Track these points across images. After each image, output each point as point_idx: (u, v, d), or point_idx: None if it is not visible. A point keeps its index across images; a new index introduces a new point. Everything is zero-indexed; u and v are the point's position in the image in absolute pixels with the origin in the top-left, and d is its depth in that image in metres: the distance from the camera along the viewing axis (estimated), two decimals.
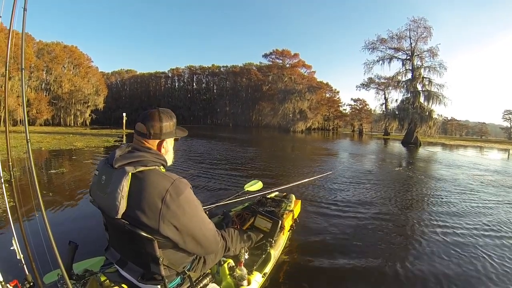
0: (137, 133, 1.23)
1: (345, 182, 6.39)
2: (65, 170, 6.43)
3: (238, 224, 2.21)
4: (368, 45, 30.38)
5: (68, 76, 40.03)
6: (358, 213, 4.11)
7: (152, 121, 1.21)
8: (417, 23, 26.83)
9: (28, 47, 33.26)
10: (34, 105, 34.41)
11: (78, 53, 42.20)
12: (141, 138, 1.22)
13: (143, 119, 1.21)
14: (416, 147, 22.36)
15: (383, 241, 3.16)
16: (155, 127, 1.21)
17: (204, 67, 70.37)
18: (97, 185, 1.17)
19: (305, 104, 47.71)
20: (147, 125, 1.20)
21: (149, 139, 1.22)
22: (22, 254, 1.28)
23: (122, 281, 1.31)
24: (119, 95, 69.97)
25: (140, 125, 1.21)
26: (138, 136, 1.23)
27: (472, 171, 9.59)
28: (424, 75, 26.97)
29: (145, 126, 1.20)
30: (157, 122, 1.21)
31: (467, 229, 3.62)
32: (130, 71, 75.73)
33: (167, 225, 1.09)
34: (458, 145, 28.67)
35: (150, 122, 1.21)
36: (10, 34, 1.33)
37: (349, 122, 58.85)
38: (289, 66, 55.44)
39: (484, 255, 2.87)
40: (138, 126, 1.22)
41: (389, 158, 13.24)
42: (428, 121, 25.85)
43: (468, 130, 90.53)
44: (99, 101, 42.58)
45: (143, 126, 1.20)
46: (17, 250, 1.25)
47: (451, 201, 5.10)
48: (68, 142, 13.56)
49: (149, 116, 1.22)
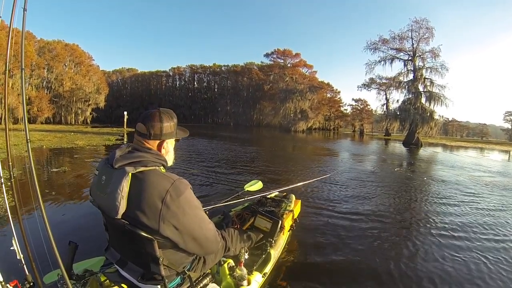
0: (137, 133, 1.23)
1: (346, 182, 6.38)
2: (67, 169, 6.41)
3: (238, 224, 2.21)
4: (370, 46, 30.35)
5: (69, 74, 39.97)
6: (358, 214, 4.10)
7: (153, 121, 1.20)
8: (419, 24, 26.80)
9: (30, 45, 33.21)
10: (35, 103, 34.38)
11: (79, 52, 42.14)
12: (141, 139, 1.22)
13: (144, 120, 1.21)
14: (417, 148, 22.35)
15: (384, 241, 3.15)
16: (156, 127, 1.20)
17: (205, 66, 70.37)
18: (97, 185, 1.17)
19: (306, 104, 47.69)
20: (147, 125, 1.20)
21: (149, 139, 1.22)
22: (22, 254, 1.27)
23: (122, 281, 1.31)
24: (120, 94, 69.97)
25: (140, 126, 1.21)
26: (139, 137, 1.22)
27: (474, 172, 9.57)
28: (425, 76, 26.94)
29: (145, 127, 1.20)
30: (157, 122, 1.21)
31: (467, 232, 3.60)
32: (131, 69, 75.69)
33: (167, 225, 1.09)
34: (459, 146, 28.59)
35: (150, 123, 1.20)
36: (10, 34, 1.32)
37: (350, 122, 58.80)
38: (291, 65, 55.40)
39: (481, 257, 2.86)
40: (139, 127, 1.22)
41: (390, 159, 13.22)
42: (430, 122, 25.82)
43: (468, 131, 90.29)
44: (100, 99, 42.51)
45: (143, 126, 1.20)
46: (17, 250, 1.24)
47: (454, 203, 5.06)
48: (69, 140, 13.57)
49: (150, 116, 1.22)
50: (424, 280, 2.36)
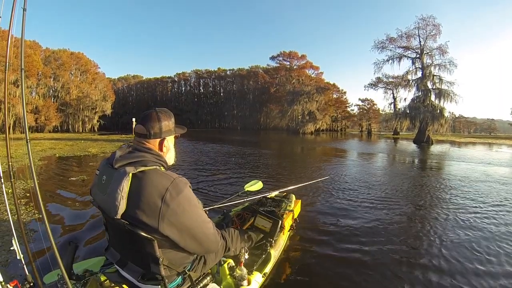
0: (137, 135, 1.25)
1: (362, 182, 6.29)
2: (85, 178, 6.30)
3: (238, 224, 2.22)
4: (377, 45, 30.29)
5: (76, 82, 40.53)
6: (359, 214, 4.03)
7: (151, 121, 1.24)
8: (425, 21, 26.59)
9: (36, 54, 33.85)
10: (43, 112, 34.91)
11: (85, 60, 42.77)
12: (142, 139, 1.24)
13: (142, 121, 1.24)
14: (428, 146, 22.04)
15: (385, 241, 3.08)
16: (155, 127, 1.24)
17: (211, 71, 70.90)
18: (98, 185, 1.19)
19: (314, 106, 47.42)
20: (147, 126, 1.23)
21: (150, 139, 1.24)
22: (22, 254, 1.30)
23: (122, 281, 1.32)
24: (126, 101, 71.18)
25: (139, 127, 1.24)
26: (139, 138, 1.25)
27: (491, 167, 9.40)
28: (434, 73, 26.63)
29: (145, 127, 1.23)
30: (155, 122, 1.24)
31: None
32: (136, 76, 76.91)
33: (166, 224, 1.09)
34: (469, 143, 27.97)
35: (149, 123, 1.23)
36: (10, 34, 1.35)
37: (357, 123, 58.27)
38: (297, 67, 55.31)
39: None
40: (138, 128, 1.25)
41: (403, 156, 13.18)
42: (440, 119, 25.47)
43: (476, 127, 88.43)
44: (107, 107, 42.99)
45: (142, 127, 1.23)
46: (17, 250, 1.26)
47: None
48: (81, 148, 13.75)
49: (148, 117, 1.25)
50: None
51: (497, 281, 2.29)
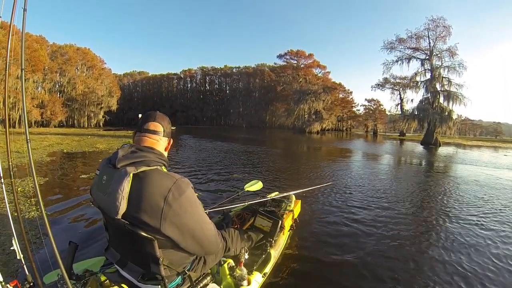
0: (151, 132, 1.25)
1: (372, 183, 6.25)
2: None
3: (238, 224, 2.22)
4: (386, 45, 30.27)
5: (82, 78, 40.81)
6: (361, 214, 4.00)
7: (163, 120, 1.29)
8: (435, 22, 26.45)
9: (42, 49, 34.08)
10: (49, 106, 35.11)
11: (91, 55, 43.01)
12: (153, 135, 1.24)
13: (156, 118, 1.27)
14: (436, 148, 21.89)
15: (386, 243, 3.05)
16: (166, 126, 1.29)
17: (217, 68, 71.05)
18: (98, 185, 1.19)
19: (321, 105, 47.24)
20: (162, 123, 1.27)
21: (164, 136, 1.27)
22: (22, 254, 1.29)
23: (122, 281, 1.32)
24: (131, 97, 71.68)
25: (154, 124, 1.25)
26: (152, 135, 1.25)
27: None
28: (443, 75, 26.42)
29: (160, 124, 1.26)
30: (165, 121, 1.30)
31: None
32: (142, 72, 77.34)
33: (168, 224, 1.08)
34: (475, 146, 27.61)
35: (162, 121, 1.28)
36: (10, 34, 1.35)
37: (363, 123, 57.88)
38: (304, 66, 55.08)
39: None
40: (153, 125, 1.25)
41: (410, 158, 13.03)
42: (448, 121, 25.34)
43: (482, 130, 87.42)
44: (112, 102, 43.32)
45: (158, 124, 1.26)
46: (17, 250, 1.25)
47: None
48: (88, 144, 13.68)
49: (160, 115, 1.29)
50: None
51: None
